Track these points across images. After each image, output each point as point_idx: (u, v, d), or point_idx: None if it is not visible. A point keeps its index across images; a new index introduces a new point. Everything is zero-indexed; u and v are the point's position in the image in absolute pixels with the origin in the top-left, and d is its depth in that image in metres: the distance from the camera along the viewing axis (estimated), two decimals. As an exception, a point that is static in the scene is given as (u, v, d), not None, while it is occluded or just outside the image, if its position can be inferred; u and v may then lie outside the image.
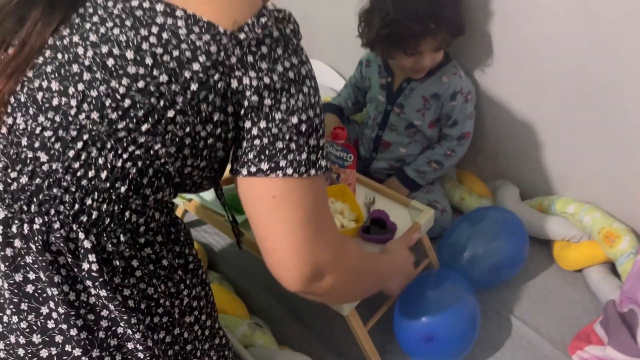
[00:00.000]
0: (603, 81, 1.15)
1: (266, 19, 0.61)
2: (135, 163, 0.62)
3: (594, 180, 1.29)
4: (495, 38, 1.30)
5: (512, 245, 1.21)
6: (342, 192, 1.15)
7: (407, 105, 1.38)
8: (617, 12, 1.06)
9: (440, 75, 1.33)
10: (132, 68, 0.60)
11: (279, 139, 0.63)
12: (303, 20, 1.87)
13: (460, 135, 1.37)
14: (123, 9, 0.62)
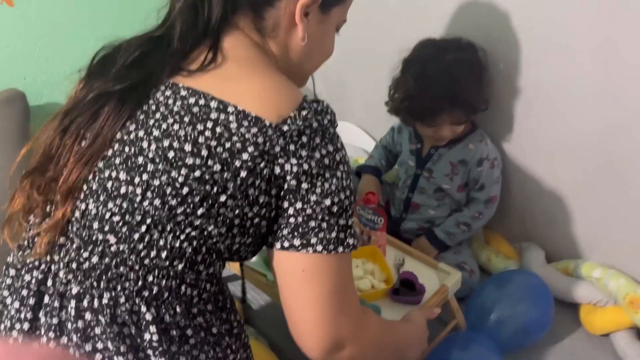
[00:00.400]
0: (623, 155, 1.21)
1: (307, 112, 0.68)
2: (191, 243, 0.69)
3: (618, 247, 1.33)
4: (519, 112, 1.38)
5: (538, 308, 1.25)
6: (373, 253, 1.21)
7: (435, 170, 1.45)
8: (635, 94, 1.14)
9: (467, 143, 1.41)
10: (190, 159, 0.67)
11: (312, 218, 0.69)
12: (336, 85, 2.01)
13: (488, 199, 1.43)
14: (182, 106, 0.70)
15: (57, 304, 0.70)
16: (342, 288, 0.72)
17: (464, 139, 1.42)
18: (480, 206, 1.44)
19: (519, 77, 1.34)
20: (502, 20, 1.31)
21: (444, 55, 1.31)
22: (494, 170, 1.41)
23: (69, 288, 0.70)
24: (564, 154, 1.33)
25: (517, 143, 1.43)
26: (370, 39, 1.73)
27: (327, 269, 0.70)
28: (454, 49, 1.32)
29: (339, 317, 0.71)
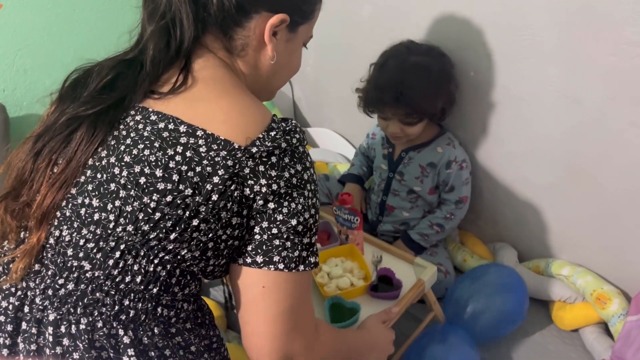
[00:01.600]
0: (588, 155, 1.27)
1: (275, 132, 0.70)
2: (165, 267, 0.71)
3: (585, 245, 1.39)
4: (489, 117, 1.43)
5: (513, 299, 1.30)
6: (351, 251, 1.26)
7: (406, 173, 1.50)
8: (595, 97, 1.19)
9: (435, 146, 1.46)
10: (161, 185, 0.68)
11: (277, 237, 0.70)
12: (314, 92, 2.04)
13: (458, 200, 1.48)
14: (152, 131, 0.71)
15: (35, 330, 0.71)
16: (299, 305, 0.74)
17: (432, 142, 1.47)
18: (451, 207, 1.49)
19: (488, 84, 1.39)
20: (472, 30, 1.36)
21: (409, 56, 1.36)
22: (463, 171, 1.46)
23: (45, 314, 0.71)
24: (532, 157, 1.39)
25: (488, 147, 1.48)
26: (347, 47, 1.78)
27: (287, 286, 0.72)
28: (420, 53, 1.37)
29: (291, 334, 0.73)
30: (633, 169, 1.20)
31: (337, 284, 1.17)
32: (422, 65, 1.34)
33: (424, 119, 1.39)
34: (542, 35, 1.22)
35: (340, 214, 1.26)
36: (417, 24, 1.49)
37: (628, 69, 1.11)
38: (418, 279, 1.20)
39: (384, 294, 1.16)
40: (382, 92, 1.37)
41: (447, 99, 1.38)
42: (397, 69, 1.36)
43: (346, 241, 1.29)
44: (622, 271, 1.33)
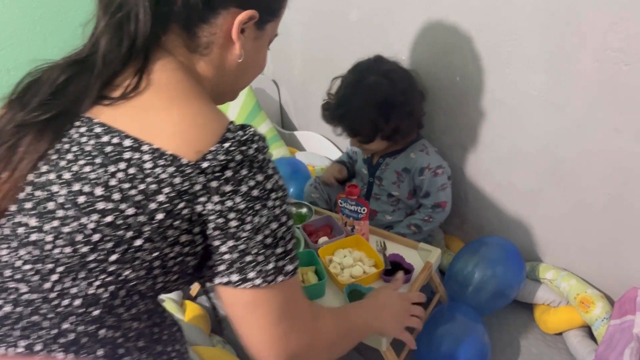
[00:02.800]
0: (571, 160, 1.28)
1: (229, 144, 0.65)
2: (107, 288, 0.66)
3: (569, 249, 1.40)
4: (475, 120, 1.44)
5: (511, 268, 1.35)
6: (358, 241, 1.29)
7: (384, 178, 1.51)
8: (578, 103, 1.21)
9: (409, 152, 1.46)
10: (101, 204, 0.64)
11: (247, 253, 0.67)
12: (301, 94, 2.04)
13: (435, 205, 1.47)
14: (95, 145, 0.66)
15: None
16: (289, 309, 0.72)
17: (407, 148, 1.47)
18: (429, 210, 1.48)
19: (475, 88, 1.40)
20: (459, 35, 1.37)
21: (366, 75, 1.35)
22: (438, 178, 1.44)
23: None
24: (517, 162, 1.40)
25: (474, 152, 1.49)
26: (335, 51, 1.78)
27: (270, 300, 0.70)
28: (379, 74, 1.35)
29: (289, 335, 0.72)
30: (615, 175, 1.22)
31: (350, 273, 1.20)
32: (372, 87, 1.33)
33: (375, 138, 1.38)
34: (526, 41, 1.23)
35: (346, 206, 1.29)
36: (403, 29, 1.50)
37: (611, 75, 1.12)
38: (426, 262, 1.25)
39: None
40: (331, 109, 1.40)
41: (402, 120, 1.36)
42: (349, 87, 1.37)
43: (352, 232, 1.31)
44: (605, 275, 1.34)
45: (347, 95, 1.36)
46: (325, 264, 1.23)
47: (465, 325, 1.26)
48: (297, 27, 1.85)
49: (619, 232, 1.27)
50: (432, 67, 1.47)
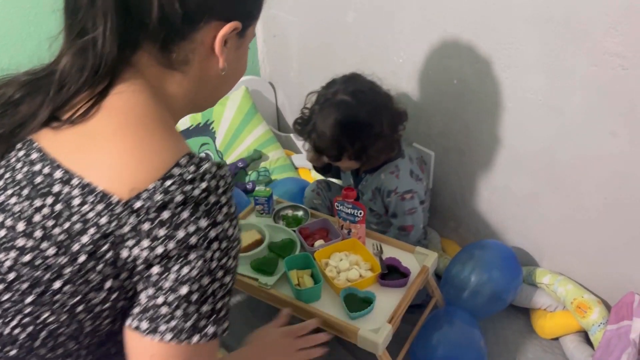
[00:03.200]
0: (568, 164, 1.28)
1: (171, 182, 0.58)
2: (25, 329, 0.61)
3: (565, 253, 1.39)
4: (473, 124, 1.44)
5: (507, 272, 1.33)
6: (353, 245, 1.27)
7: (365, 194, 1.49)
8: (576, 107, 1.20)
9: (380, 172, 1.43)
10: (21, 241, 0.59)
11: (164, 305, 0.60)
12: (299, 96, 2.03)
13: (400, 227, 1.44)
14: (26, 174, 0.62)
15: None
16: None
17: (381, 167, 1.43)
18: (395, 232, 1.45)
19: (472, 92, 1.39)
20: (456, 38, 1.36)
21: (337, 94, 1.34)
22: (405, 202, 1.41)
23: None
24: (514, 166, 1.39)
25: (471, 155, 1.48)
26: (331, 53, 1.77)
27: (175, 359, 0.62)
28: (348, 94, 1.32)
29: None
30: (612, 179, 1.21)
31: (346, 277, 1.19)
32: (339, 107, 1.32)
33: (340, 158, 1.36)
34: (524, 44, 1.23)
35: (343, 209, 1.28)
36: (401, 31, 1.50)
37: (608, 80, 1.12)
38: (423, 266, 1.23)
39: (394, 281, 1.18)
40: (300, 123, 1.39)
41: (368, 142, 1.33)
42: (319, 104, 1.36)
43: (348, 235, 1.30)
44: (602, 280, 1.34)
45: (315, 113, 1.35)
46: (322, 268, 1.22)
47: (461, 330, 1.26)
48: (294, 29, 1.85)
49: (616, 237, 1.26)
50: (429, 69, 1.46)
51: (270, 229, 1.36)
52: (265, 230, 1.34)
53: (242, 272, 1.24)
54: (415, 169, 1.45)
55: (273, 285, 1.20)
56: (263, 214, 1.45)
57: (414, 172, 1.44)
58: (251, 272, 1.24)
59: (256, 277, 1.22)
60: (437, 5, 1.37)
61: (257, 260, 1.26)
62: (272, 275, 1.22)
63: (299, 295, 1.17)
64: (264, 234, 1.33)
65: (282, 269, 1.23)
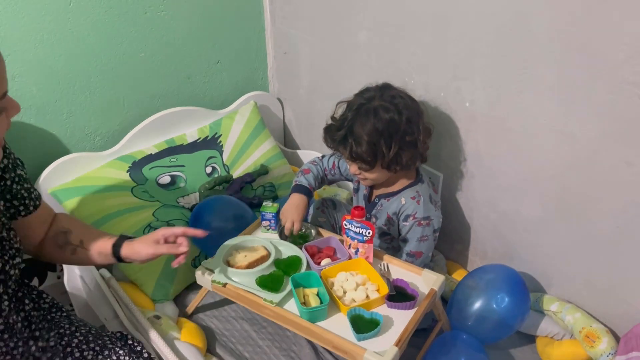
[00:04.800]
0: (579, 191, 1.27)
1: None
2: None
3: (574, 281, 1.38)
4: (483, 148, 1.44)
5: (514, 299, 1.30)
6: (361, 265, 1.26)
7: (379, 218, 1.47)
8: (590, 134, 1.20)
9: (401, 196, 1.41)
10: None
11: None
12: (306, 113, 2.02)
13: (410, 253, 1.42)
14: None
15: None
16: None
17: (400, 192, 1.42)
18: (403, 257, 1.43)
19: (484, 115, 1.39)
20: (470, 60, 1.36)
21: (372, 100, 1.32)
22: (420, 228, 1.38)
23: None
24: (524, 191, 1.39)
25: (481, 178, 1.48)
26: (342, 71, 1.77)
27: None
28: (385, 100, 1.31)
29: None
30: (624, 208, 1.20)
31: (353, 297, 1.17)
32: (377, 111, 1.30)
33: (374, 165, 1.33)
34: (540, 70, 1.23)
35: (351, 228, 1.27)
36: (414, 52, 1.50)
37: (625, 108, 1.11)
38: (430, 289, 1.22)
39: (402, 303, 1.16)
40: (334, 130, 1.36)
41: (403, 149, 1.31)
42: (353, 110, 1.34)
43: (355, 255, 1.29)
44: (611, 310, 1.32)
45: (350, 118, 1.33)
46: (328, 287, 1.20)
47: (468, 355, 1.24)
48: (305, 46, 1.85)
49: (627, 267, 1.25)
50: (440, 90, 1.46)
51: (276, 245, 1.34)
52: (271, 246, 1.33)
53: (247, 288, 1.23)
54: (433, 194, 1.44)
55: (279, 303, 1.18)
56: (269, 230, 1.43)
57: (433, 197, 1.43)
58: (257, 288, 1.23)
59: (261, 294, 1.20)
60: (450, 27, 1.37)
61: (263, 276, 1.25)
62: (277, 292, 1.21)
63: (304, 314, 1.15)
64: (270, 250, 1.32)
65: (288, 287, 1.22)
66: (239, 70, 1.96)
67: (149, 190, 1.61)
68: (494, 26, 1.28)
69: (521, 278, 1.35)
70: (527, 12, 1.20)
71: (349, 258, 1.29)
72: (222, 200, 1.58)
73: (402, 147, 1.31)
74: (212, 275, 1.26)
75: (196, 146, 1.78)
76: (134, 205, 1.56)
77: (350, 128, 1.32)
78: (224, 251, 1.31)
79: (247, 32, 1.92)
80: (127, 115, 1.71)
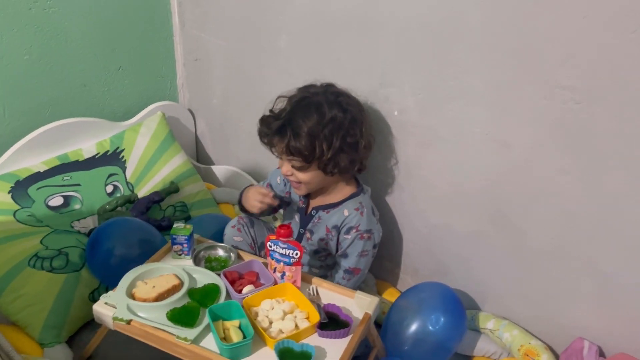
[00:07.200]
0: (513, 202, 1.22)
1: None
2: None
3: (509, 296, 1.33)
4: (413, 159, 1.37)
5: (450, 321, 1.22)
6: (288, 290, 1.15)
7: (315, 232, 1.37)
8: (524, 142, 1.15)
9: (343, 208, 1.32)
10: None
11: None
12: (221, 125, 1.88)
13: (348, 269, 1.33)
14: None
15: None
16: None
17: (341, 203, 1.33)
18: (340, 274, 1.34)
19: (413, 124, 1.32)
20: (397, 66, 1.29)
21: (314, 96, 1.25)
22: (362, 242, 1.30)
23: None
24: (456, 203, 1.33)
25: (411, 190, 1.40)
26: (260, 79, 1.66)
27: None
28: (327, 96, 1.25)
29: None
30: (559, 218, 1.17)
31: (279, 328, 1.07)
32: (320, 105, 1.22)
33: (309, 163, 1.23)
34: (471, 75, 1.18)
35: (276, 249, 1.15)
36: (338, 58, 1.41)
37: (559, 114, 1.08)
38: (365, 313, 1.13)
39: (335, 331, 1.07)
40: (270, 121, 1.26)
41: (343, 150, 1.23)
42: (295, 101, 1.26)
43: (282, 279, 1.17)
44: (548, 325, 1.28)
45: (290, 110, 1.24)
46: (252, 318, 1.08)
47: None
48: (218, 52, 1.71)
49: (563, 279, 1.22)
50: (367, 99, 1.37)
51: (190, 272, 1.20)
52: (184, 274, 1.19)
53: (157, 324, 1.08)
54: (374, 207, 1.36)
55: (194, 340, 1.04)
56: (182, 255, 1.27)
57: (374, 210, 1.35)
58: (168, 324, 1.08)
59: (173, 331, 1.06)
60: (376, 32, 1.30)
61: (175, 310, 1.11)
62: (192, 327, 1.07)
63: (225, 351, 1.02)
64: (183, 278, 1.18)
65: (205, 320, 1.09)
66: (144, 77, 1.79)
67: (36, 213, 1.42)
68: (423, 30, 1.21)
69: (456, 295, 1.28)
70: (456, 15, 1.15)
71: (274, 283, 1.17)
72: (125, 223, 1.41)
73: (343, 148, 1.23)
74: (114, 311, 1.09)
75: (94, 162, 1.59)
76: (17, 232, 1.36)
77: (289, 119, 1.22)
78: (127, 282, 1.15)
79: (153, 35, 1.76)
80: (8, 127, 1.49)
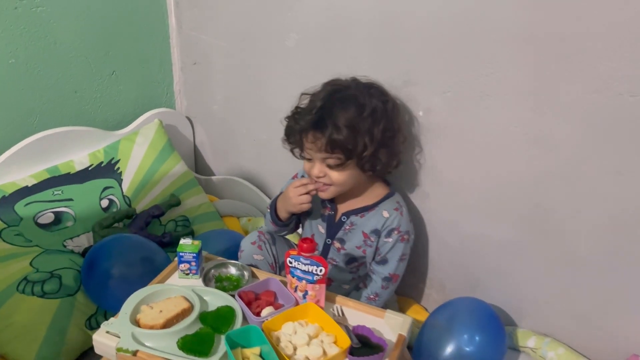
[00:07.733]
0: (558, 208, 1.14)
1: None
2: None
3: (552, 310, 1.24)
4: (439, 162, 1.28)
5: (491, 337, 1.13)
6: (312, 311, 1.05)
7: (347, 241, 1.27)
8: (571, 141, 1.06)
9: (382, 209, 1.24)
10: None
11: None
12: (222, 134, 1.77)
13: (387, 277, 1.26)
14: None
15: None
16: None
17: (378, 204, 1.25)
18: (379, 283, 1.26)
19: (440, 125, 1.23)
20: (422, 63, 1.20)
21: (346, 89, 1.17)
22: (402, 244, 1.24)
23: None
24: (491, 210, 1.24)
25: (439, 199, 1.31)
26: (266, 81, 1.56)
27: None
28: (360, 89, 1.17)
29: None
30: (611, 224, 1.08)
31: (305, 355, 0.96)
32: (356, 96, 1.15)
33: (349, 159, 1.14)
34: (507, 69, 1.09)
35: (297, 266, 1.04)
36: (354, 56, 1.31)
37: (612, 108, 0.99)
38: (399, 335, 1.04)
39: (369, 357, 0.96)
40: (302, 115, 1.17)
41: (381, 143, 1.15)
42: (326, 95, 1.17)
43: (304, 299, 1.06)
44: (597, 341, 1.19)
45: (327, 103, 1.14)
46: (273, 343, 0.97)
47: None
48: (220, 56, 1.61)
49: (614, 292, 1.13)
50: (389, 99, 1.28)
51: (200, 294, 1.10)
52: (194, 296, 1.08)
53: (166, 354, 0.96)
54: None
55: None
56: (189, 275, 1.16)
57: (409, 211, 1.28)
58: (180, 354, 0.97)
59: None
60: (398, 26, 1.21)
61: (186, 337, 1.00)
62: (207, 356, 0.97)
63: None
64: (193, 301, 1.07)
65: (221, 348, 0.98)
66: (139, 83, 1.70)
67: (25, 232, 1.32)
68: (452, 22, 1.12)
69: (493, 311, 1.18)
70: (488, 2, 1.06)
71: (295, 304, 1.06)
72: (123, 241, 1.31)
73: (383, 142, 1.14)
74: (117, 340, 0.98)
75: (87, 175, 1.50)
76: (3, 253, 1.26)
77: (328, 112, 1.12)
78: (131, 307, 1.04)
79: (148, 38, 1.67)
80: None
